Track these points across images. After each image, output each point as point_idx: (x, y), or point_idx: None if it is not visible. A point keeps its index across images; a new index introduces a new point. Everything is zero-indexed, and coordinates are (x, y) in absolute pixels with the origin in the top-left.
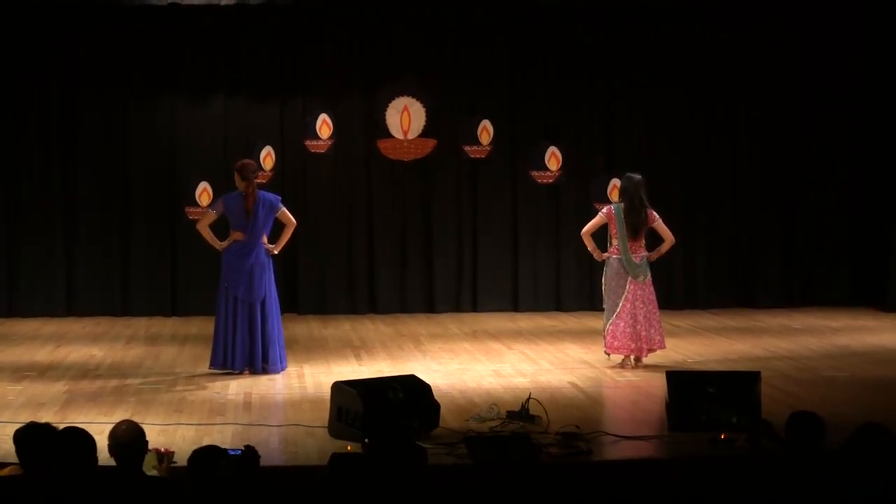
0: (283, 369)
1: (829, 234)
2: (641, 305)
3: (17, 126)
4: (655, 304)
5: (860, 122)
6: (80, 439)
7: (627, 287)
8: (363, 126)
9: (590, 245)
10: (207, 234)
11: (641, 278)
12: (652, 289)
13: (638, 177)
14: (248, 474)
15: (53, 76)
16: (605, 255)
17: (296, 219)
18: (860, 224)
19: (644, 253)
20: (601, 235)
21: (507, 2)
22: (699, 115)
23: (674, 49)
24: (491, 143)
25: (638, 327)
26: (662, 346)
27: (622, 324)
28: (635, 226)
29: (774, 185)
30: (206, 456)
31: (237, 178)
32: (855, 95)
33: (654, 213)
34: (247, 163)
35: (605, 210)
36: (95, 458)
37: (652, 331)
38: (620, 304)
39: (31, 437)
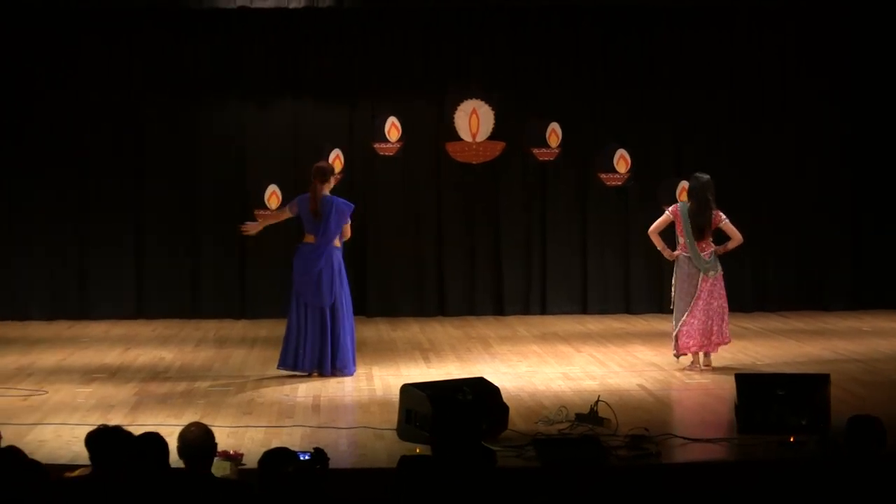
0: (352, 373)
1: None
2: (715, 299)
3: (87, 130)
4: (725, 298)
5: None
6: (154, 444)
7: (700, 285)
8: (432, 129)
9: (658, 243)
10: (261, 227)
11: (712, 273)
12: (722, 283)
13: (706, 177)
14: (317, 477)
15: (124, 80)
16: (676, 253)
17: (365, 221)
18: None
19: (712, 249)
20: (668, 235)
21: (577, 5)
22: (768, 119)
23: (743, 53)
24: (559, 146)
25: (710, 323)
26: (729, 340)
27: (696, 322)
28: (700, 226)
29: (844, 187)
30: (276, 458)
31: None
32: None
33: (721, 213)
34: (317, 165)
35: (671, 209)
36: (168, 463)
37: (723, 324)
38: (692, 303)
39: (103, 439)
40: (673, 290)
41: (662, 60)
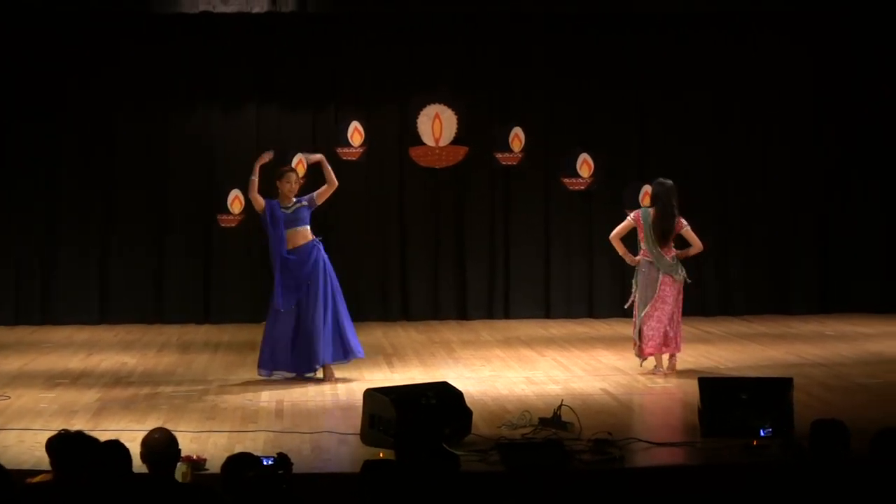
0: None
1: (862, 241)
2: (672, 304)
3: (54, 135)
4: (681, 308)
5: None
6: (117, 452)
7: (659, 288)
8: (395, 134)
9: (620, 249)
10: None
11: (674, 275)
12: (681, 289)
13: (669, 182)
14: (280, 482)
15: (91, 85)
16: (637, 258)
17: (328, 226)
18: (894, 231)
19: (674, 253)
20: (631, 241)
21: (539, 11)
22: (732, 123)
23: (707, 58)
24: (523, 150)
25: (666, 329)
26: (678, 350)
27: (658, 325)
28: (663, 231)
29: (808, 192)
30: (239, 463)
31: None
32: (892, 102)
33: (683, 220)
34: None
35: (633, 214)
36: (131, 469)
37: (677, 334)
38: (653, 306)
39: (64, 444)
40: (634, 294)
41: (626, 64)
